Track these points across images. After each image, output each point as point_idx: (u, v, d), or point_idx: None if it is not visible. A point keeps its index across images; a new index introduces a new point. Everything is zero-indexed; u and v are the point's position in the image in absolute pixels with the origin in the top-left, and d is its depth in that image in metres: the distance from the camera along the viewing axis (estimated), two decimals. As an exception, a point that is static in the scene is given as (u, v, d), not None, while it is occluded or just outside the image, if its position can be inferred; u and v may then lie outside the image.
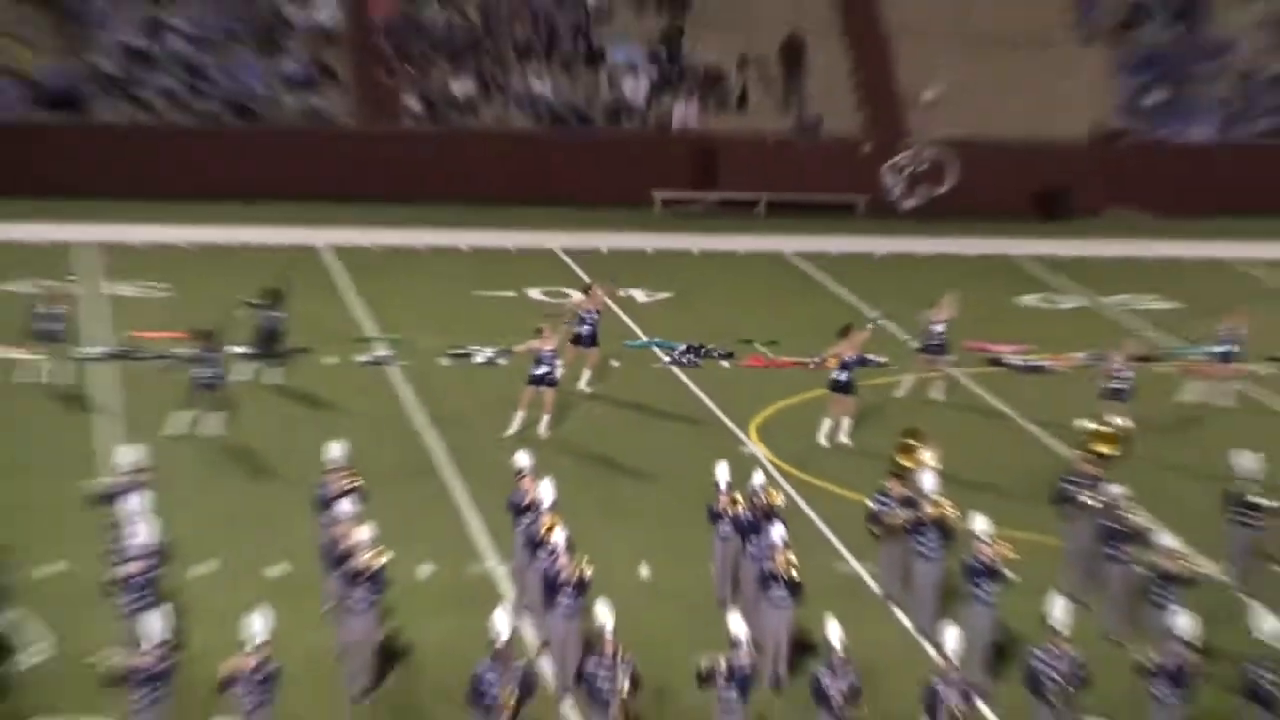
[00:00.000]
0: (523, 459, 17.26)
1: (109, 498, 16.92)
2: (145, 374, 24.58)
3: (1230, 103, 44.77)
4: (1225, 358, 25.90)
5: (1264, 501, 19.04)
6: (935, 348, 24.40)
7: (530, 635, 16.03)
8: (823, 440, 22.54)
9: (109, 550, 15.88)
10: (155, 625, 13.53)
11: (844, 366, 22.11)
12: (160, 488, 17.45)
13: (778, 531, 16.02)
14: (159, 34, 40.61)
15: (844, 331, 23.01)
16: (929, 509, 16.81)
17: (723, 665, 13.70)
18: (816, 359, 24.65)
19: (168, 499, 17.65)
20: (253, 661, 13.19)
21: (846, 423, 22.72)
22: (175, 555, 16.28)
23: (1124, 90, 44.53)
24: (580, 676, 14.44)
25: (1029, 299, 33.51)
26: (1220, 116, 44.30)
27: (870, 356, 24.43)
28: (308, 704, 14.86)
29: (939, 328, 24.74)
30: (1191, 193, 41.98)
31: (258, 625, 13.20)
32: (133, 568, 15.38)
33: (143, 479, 16.96)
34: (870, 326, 25.46)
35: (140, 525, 15.80)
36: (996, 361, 27.17)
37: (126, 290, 30.22)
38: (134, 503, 16.26)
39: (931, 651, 15.15)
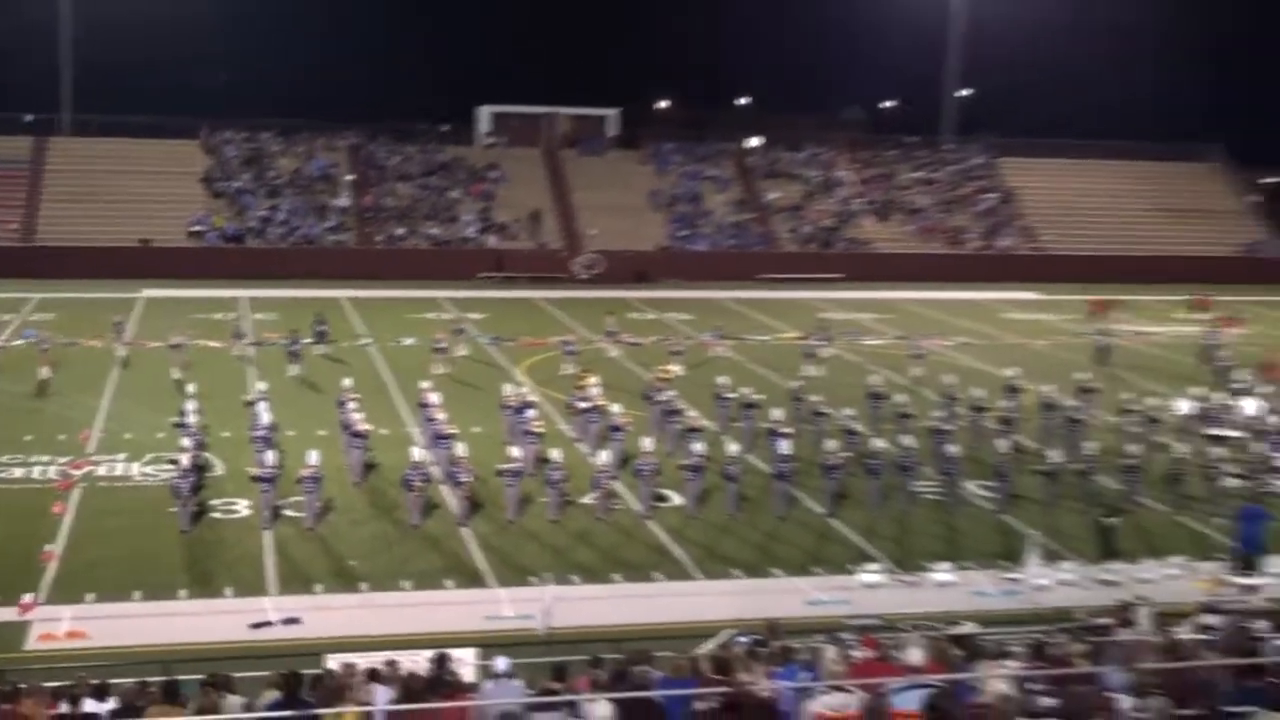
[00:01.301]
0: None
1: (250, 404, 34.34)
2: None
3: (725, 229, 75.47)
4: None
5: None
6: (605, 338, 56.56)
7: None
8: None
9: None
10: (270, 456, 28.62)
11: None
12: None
13: (530, 412, 32.91)
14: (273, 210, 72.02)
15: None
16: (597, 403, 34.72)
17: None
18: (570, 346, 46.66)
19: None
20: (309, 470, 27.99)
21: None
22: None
23: (670, 228, 74.73)
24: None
25: (647, 314, 58.48)
26: (710, 241, 74.15)
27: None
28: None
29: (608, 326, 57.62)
30: (698, 272, 71.33)
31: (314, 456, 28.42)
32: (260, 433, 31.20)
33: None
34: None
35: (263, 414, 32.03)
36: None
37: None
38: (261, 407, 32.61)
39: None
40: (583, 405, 36.23)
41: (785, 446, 31.32)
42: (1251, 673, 13.70)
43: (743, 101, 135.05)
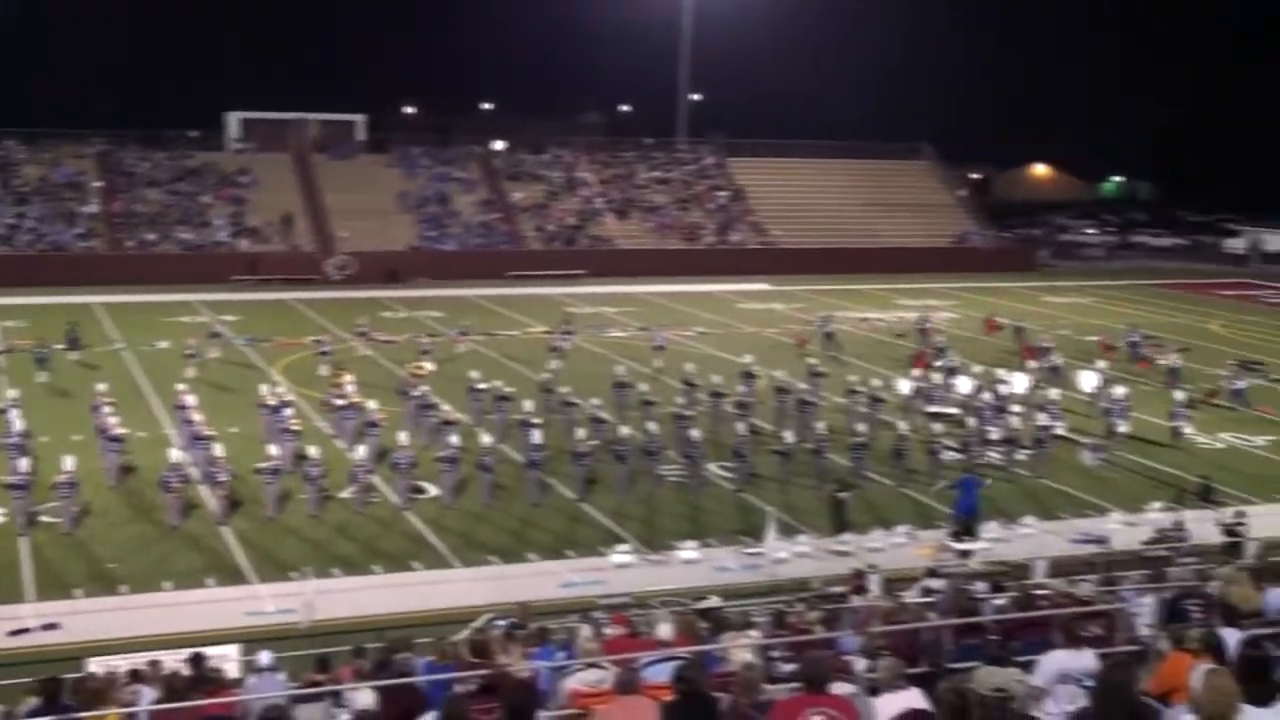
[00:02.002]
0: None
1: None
2: None
3: (473, 228, 74.97)
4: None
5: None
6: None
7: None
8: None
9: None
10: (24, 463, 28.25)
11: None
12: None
13: (288, 410, 33.63)
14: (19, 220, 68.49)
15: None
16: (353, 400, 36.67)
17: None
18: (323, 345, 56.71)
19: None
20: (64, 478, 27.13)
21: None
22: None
23: (419, 228, 74.56)
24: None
25: (398, 312, 57.75)
26: (458, 241, 73.63)
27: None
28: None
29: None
30: (448, 271, 69.13)
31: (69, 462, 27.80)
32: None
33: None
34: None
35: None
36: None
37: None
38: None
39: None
40: (339, 403, 35.73)
41: (536, 436, 31.36)
42: (971, 631, 14.15)
43: (486, 106, 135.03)
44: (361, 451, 31.18)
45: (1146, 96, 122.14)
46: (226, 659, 19.01)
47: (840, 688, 10.00)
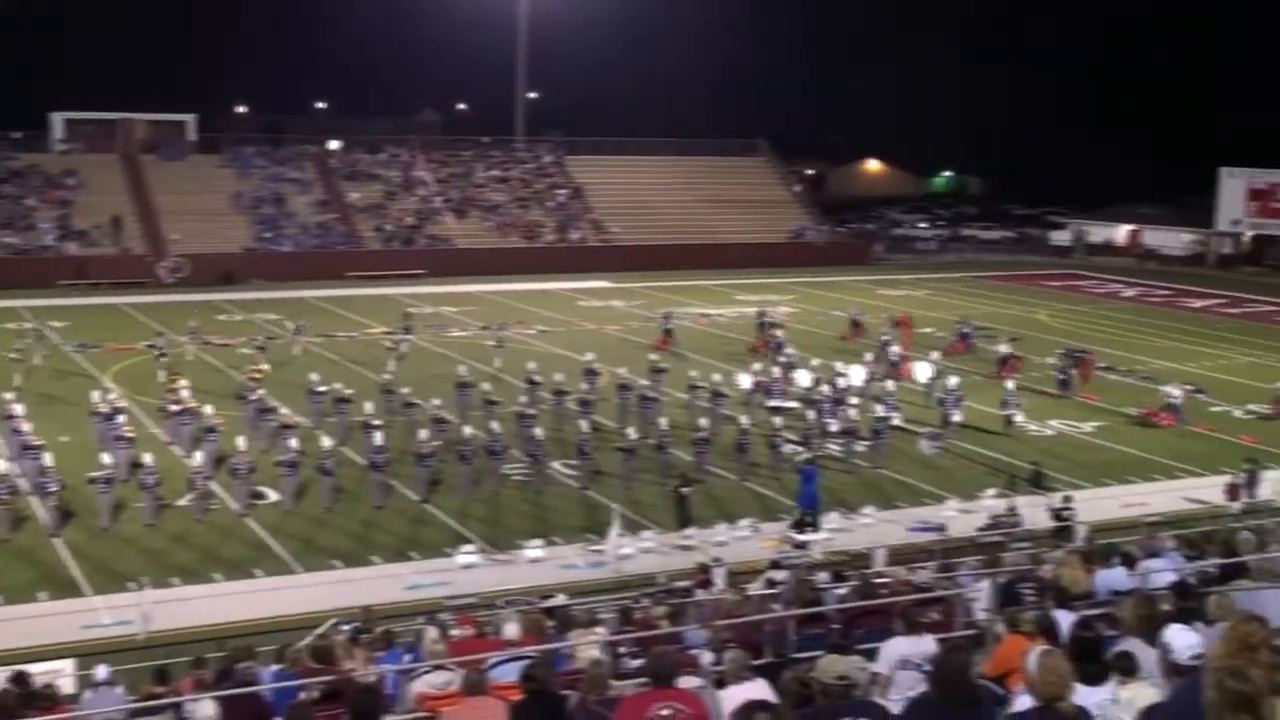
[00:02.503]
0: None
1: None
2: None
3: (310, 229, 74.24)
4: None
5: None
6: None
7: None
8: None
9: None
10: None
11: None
12: None
13: (121, 418, 38.46)
14: None
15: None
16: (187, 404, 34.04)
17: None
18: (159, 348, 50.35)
19: None
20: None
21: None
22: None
23: (254, 229, 72.74)
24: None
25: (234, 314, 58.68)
26: (295, 242, 72.38)
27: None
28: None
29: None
30: (285, 273, 67.76)
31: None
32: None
33: None
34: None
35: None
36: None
37: None
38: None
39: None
40: (174, 408, 34.98)
41: (378, 438, 31.07)
42: (814, 621, 14.36)
43: (321, 105, 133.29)
44: (199, 458, 30.66)
45: (974, 93, 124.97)
46: (61, 674, 18.50)
47: (687, 681, 10.07)
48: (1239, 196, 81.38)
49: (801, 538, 27.14)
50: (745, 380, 39.76)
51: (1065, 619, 10.78)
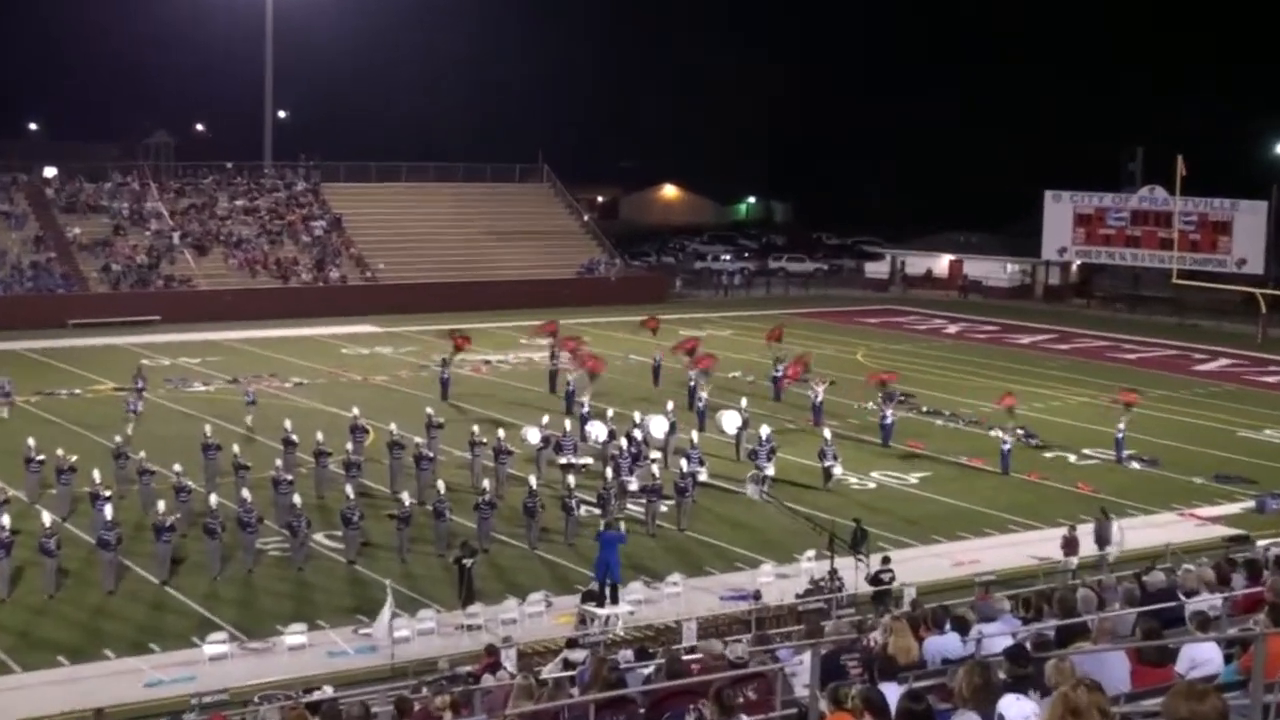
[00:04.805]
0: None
1: None
2: None
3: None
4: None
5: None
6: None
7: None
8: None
9: None
10: None
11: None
12: None
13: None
14: None
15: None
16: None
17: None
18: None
19: None
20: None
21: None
22: None
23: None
24: None
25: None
26: (4, 286, 70.34)
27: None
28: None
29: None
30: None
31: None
32: None
33: None
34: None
35: None
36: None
37: None
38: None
39: None
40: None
41: (109, 511, 30.35)
42: (617, 705, 14.38)
43: (32, 127, 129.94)
44: (-110, 541, 29.43)
45: (774, 111, 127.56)
46: None
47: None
48: (1066, 222, 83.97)
49: (600, 611, 27.24)
50: (533, 435, 39.78)
51: (894, 692, 10.98)
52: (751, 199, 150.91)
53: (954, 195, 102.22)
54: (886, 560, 28.87)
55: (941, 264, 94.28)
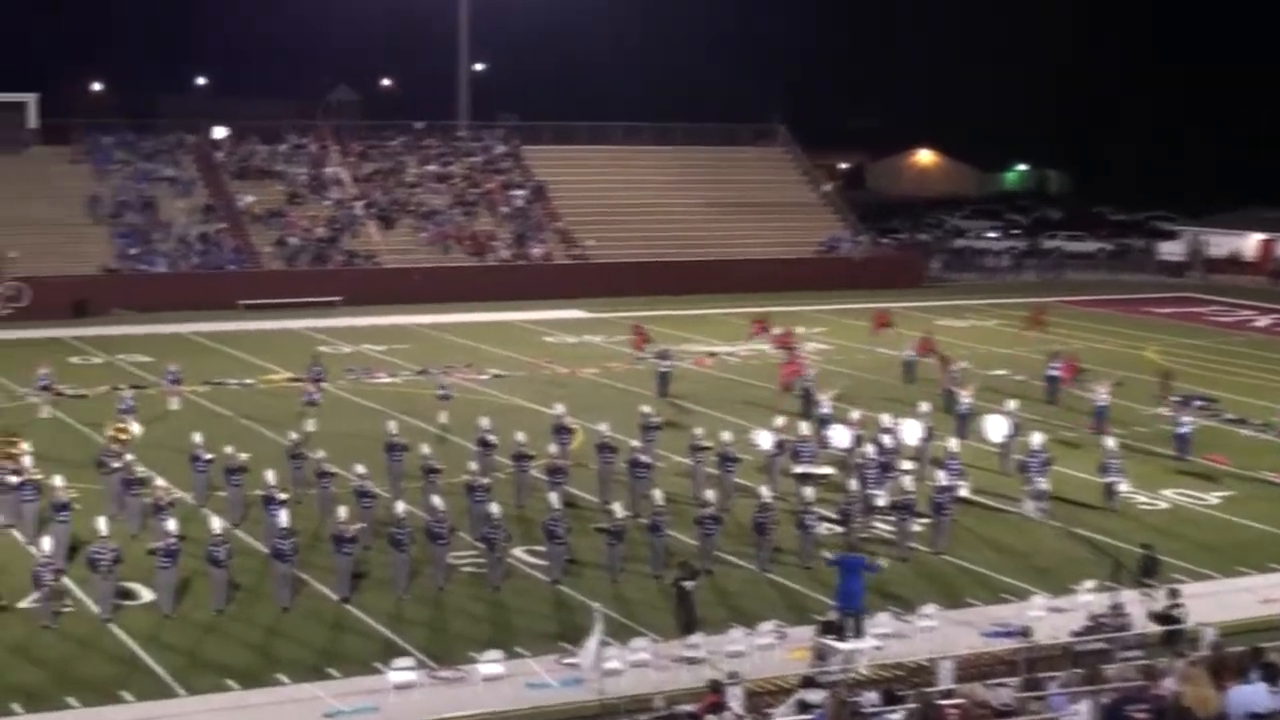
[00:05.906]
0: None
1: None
2: None
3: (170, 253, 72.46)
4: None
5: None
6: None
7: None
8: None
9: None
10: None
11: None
12: None
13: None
14: None
15: None
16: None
17: None
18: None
19: None
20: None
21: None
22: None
23: (117, 245, 72.10)
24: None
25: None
26: (170, 261, 71.76)
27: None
28: None
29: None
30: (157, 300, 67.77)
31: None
32: None
33: None
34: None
35: None
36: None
37: None
38: None
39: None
40: (13, 479, 34.76)
41: (284, 518, 30.89)
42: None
43: (201, 82, 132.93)
44: (46, 545, 30.36)
45: (1056, 65, 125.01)
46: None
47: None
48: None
49: (842, 646, 27.08)
50: (766, 439, 39.62)
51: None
52: (1022, 166, 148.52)
53: (1268, 165, 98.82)
54: (1175, 594, 28.17)
55: (1250, 244, 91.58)
